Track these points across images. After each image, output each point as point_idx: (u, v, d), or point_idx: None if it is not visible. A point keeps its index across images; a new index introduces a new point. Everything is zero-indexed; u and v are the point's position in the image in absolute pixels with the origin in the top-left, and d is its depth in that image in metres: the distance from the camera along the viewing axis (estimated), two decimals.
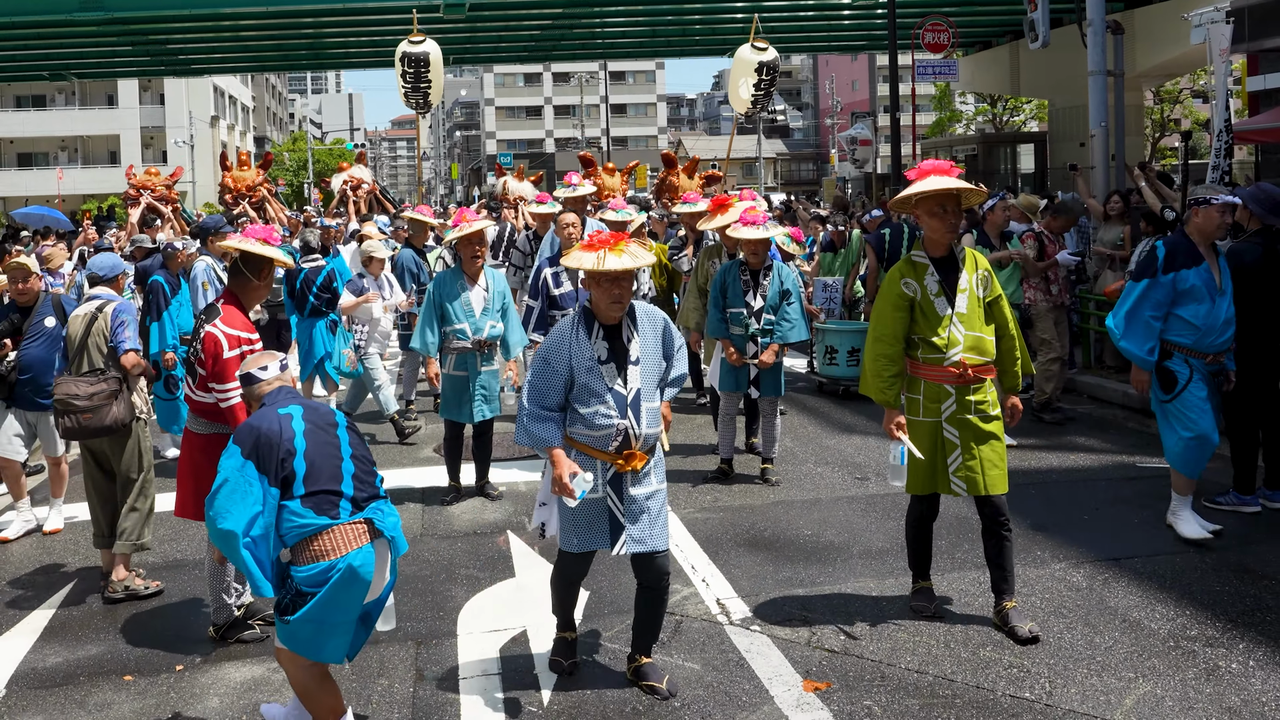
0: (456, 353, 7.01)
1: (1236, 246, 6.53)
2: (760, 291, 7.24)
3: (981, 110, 44.69)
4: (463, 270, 7.06)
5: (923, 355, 4.79)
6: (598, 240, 4.24)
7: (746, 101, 12.63)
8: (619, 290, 4.23)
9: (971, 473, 4.78)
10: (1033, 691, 4.26)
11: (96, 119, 56.15)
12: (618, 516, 4.28)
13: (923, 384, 4.82)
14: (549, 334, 4.37)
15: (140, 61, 33.06)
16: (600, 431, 4.23)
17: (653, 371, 4.34)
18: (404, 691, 4.52)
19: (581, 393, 4.25)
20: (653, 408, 4.31)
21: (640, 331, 4.35)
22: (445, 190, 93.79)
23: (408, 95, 12.31)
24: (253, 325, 5.09)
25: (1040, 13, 12.88)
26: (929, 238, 4.84)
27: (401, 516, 6.85)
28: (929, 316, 4.76)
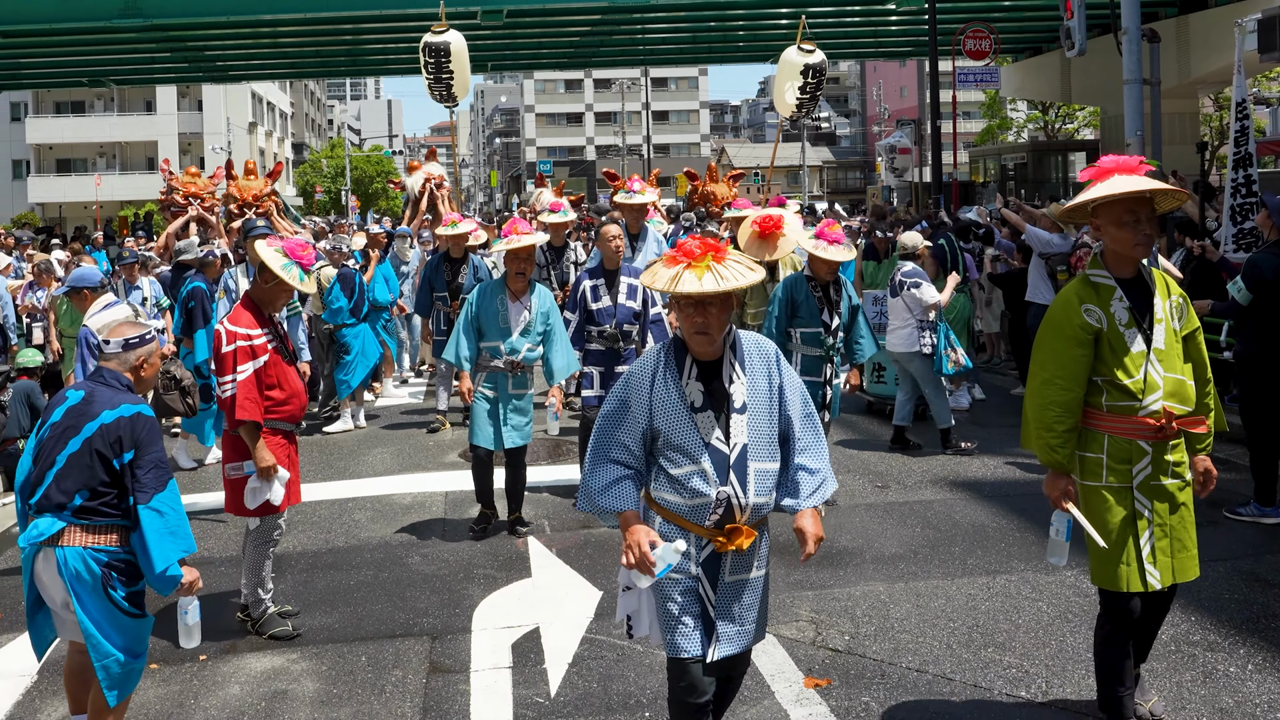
0: (486, 371, 6.69)
1: (1256, 257, 6.66)
2: (834, 308, 6.97)
3: (1033, 117, 44.53)
4: (506, 285, 6.69)
5: (1109, 403, 3.87)
6: (683, 251, 3.38)
7: (791, 105, 12.49)
8: (702, 319, 3.36)
9: (1165, 557, 3.87)
10: (1029, 690, 4.45)
11: (135, 125, 57.49)
12: (708, 609, 3.44)
13: (1106, 440, 3.88)
14: (632, 367, 3.54)
15: (179, 68, 33.89)
16: (694, 500, 3.37)
17: (764, 422, 3.44)
18: (417, 683, 4.79)
19: (669, 448, 3.41)
20: (763, 470, 3.42)
21: (749, 370, 3.46)
22: (485, 198, 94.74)
23: (431, 88, 12.39)
24: (258, 323, 5.29)
25: (1077, 20, 12.99)
26: (1114, 252, 3.91)
27: (423, 518, 7.22)
28: (1118, 353, 3.82)
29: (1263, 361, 6.47)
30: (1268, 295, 6.40)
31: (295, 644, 5.24)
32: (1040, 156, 32.12)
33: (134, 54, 30.71)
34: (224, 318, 5.40)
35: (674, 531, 3.42)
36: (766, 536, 3.55)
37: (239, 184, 13.35)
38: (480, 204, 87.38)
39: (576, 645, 5.09)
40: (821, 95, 13.26)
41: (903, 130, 30.31)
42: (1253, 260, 6.61)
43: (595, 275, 7.30)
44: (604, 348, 7.18)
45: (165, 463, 3.87)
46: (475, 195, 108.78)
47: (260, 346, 5.24)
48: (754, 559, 3.48)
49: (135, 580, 3.86)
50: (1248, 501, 6.62)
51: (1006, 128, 45.42)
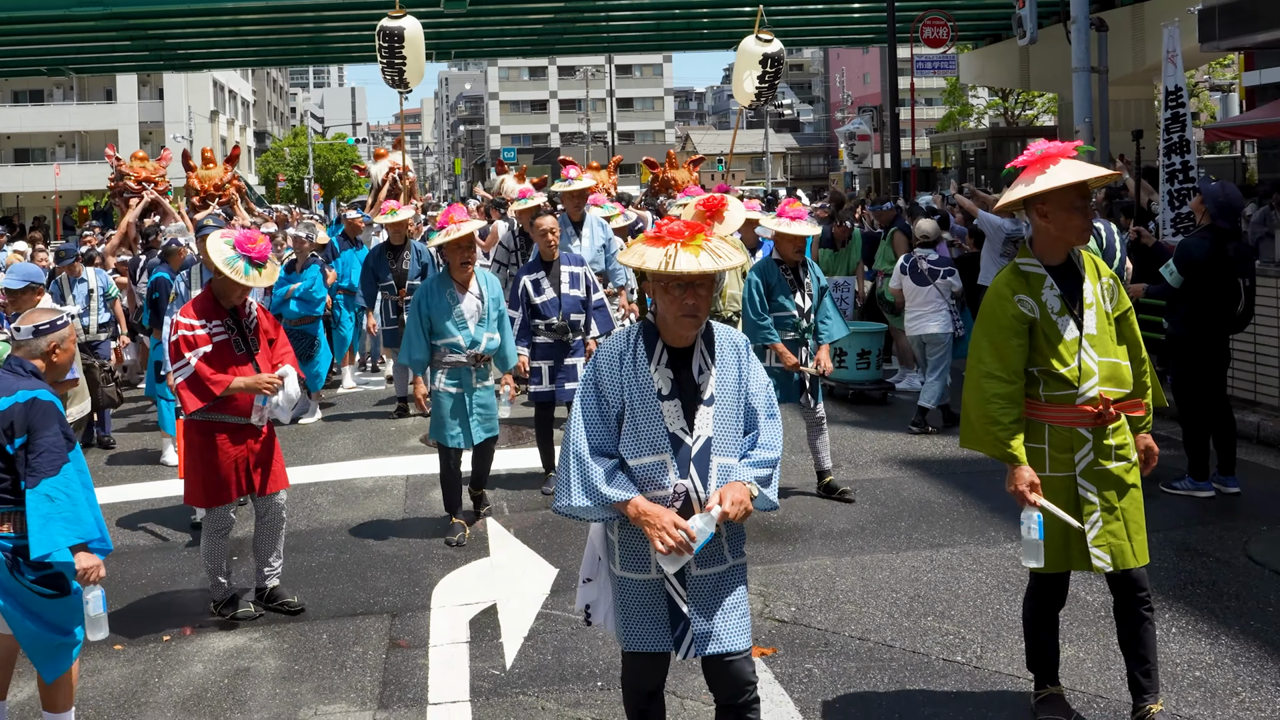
0: (449, 367, 6.44)
1: (1187, 241, 6.89)
2: (805, 290, 6.93)
3: (994, 104, 44.97)
4: (451, 278, 6.44)
5: (1046, 393, 3.83)
6: (668, 231, 3.20)
7: (750, 94, 12.63)
8: (694, 301, 3.20)
9: (1116, 539, 3.82)
10: (964, 655, 4.65)
11: (95, 114, 56.82)
12: (679, 605, 3.29)
13: (1047, 430, 3.85)
14: (599, 350, 3.39)
15: (139, 56, 33.60)
16: (652, 494, 3.23)
17: (731, 416, 3.29)
18: (376, 658, 4.93)
19: (631, 436, 3.26)
20: (727, 465, 3.26)
21: (719, 362, 3.32)
22: (449, 186, 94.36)
23: (384, 72, 12.28)
24: (209, 314, 5.25)
25: (1028, 9, 13.24)
26: (1053, 237, 3.82)
27: (385, 502, 7.34)
28: (1052, 342, 3.78)
29: (1193, 343, 6.70)
30: (1198, 278, 6.63)
31: (258, 624, 5.36)
32: (1000, 143, 32.45)
33: (93, 42, 30.44)
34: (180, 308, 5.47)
35: (637, 529, 3.23)
36: (736, 526, 3.33)
37: (198, 174, 13.15)
38: (445, 191, 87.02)
39: (532, 620, 5.24)
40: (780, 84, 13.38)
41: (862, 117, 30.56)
42: (1184, 244, 6.83)
43: (533, 269, 7.19)
44: (552, 340, 7.15)
45: (60, 448, 3.81)
46: (440, 183, 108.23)
47: (201, 337, 5.20)
48: (722, 550, 3.30)
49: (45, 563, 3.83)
50: (1183, 476, 6.86)
51: (968, 114, 45.86)
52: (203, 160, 13.46)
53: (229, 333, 5.29)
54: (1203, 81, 36.41)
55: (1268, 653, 4.56)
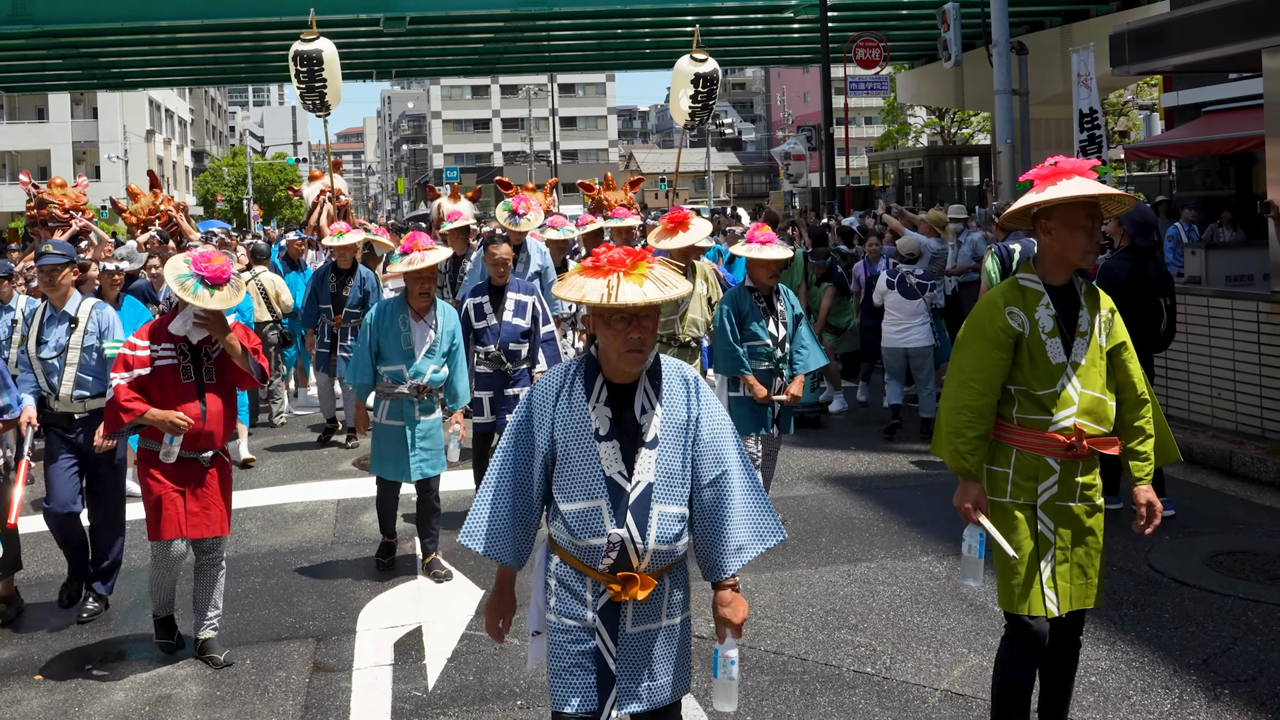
0: (390, 398, 6.22)
1: (1108, 263, 7.06)
2: (779, 318, 6.66)
3: (930, 123, 45.81)
4: (408, 304, 6.22)
5: (1019, 414, 3.66)
6: (609, 260, 2.98)
7: (685, 113, 12.71)
8: (639, 334, 2.97)
9: (1065, 584, 3.66)
10: (874, 667, 4.82)
11: (26, 133, 55.90)
12: (607, 661, 3.06)
13: (1014, 454, 3.67)
14: (535, 385, 3.18)
15: (72, 75, 33.24)
16: (585, 542, 3.02)
17: (675, 460, 3.05)
18: (300, 682, 4.98)
19: (566, 479, 3.04)
20: (669, 514, 3.03)
21: (666, 399, 3.08)
22: (392, 206, 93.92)
23: (304, 96, 11.95)
24: (160, 336, 5.07)
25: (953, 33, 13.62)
26: (1056, 257, 3.67)
27: (315, 526, 7.37)
28: (1037, 363, 3.62)
29: None
30: (1121, 300, 6.77)
31: (181, 651, 5.37)
32: (936, 161, 33.12)
33: (24, 60, 30.04)
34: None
35: (571, 577, 3.08)
36: (682, 580, 3.15)
37: (129, 210, 12.90)
38: (389, 211, 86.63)
39: (456, 641, 5.33)
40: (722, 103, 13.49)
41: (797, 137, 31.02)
42: (1107, 266, 6.97)
43: (479, 293, 7.04)
44: (490, 370, 6.99)
45: None
46: (383, 203, 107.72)
47: (140, 359, 5.02)
48: (662, 607, 3.09)
49: None
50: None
51: (905, 133, 46.65)
52: (130, 196, 13.22)
53: (178, 359, 5.05)
54: (1130, 101, 37.42)
55: (1160, 657, 4.78)
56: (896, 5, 25.95)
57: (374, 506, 7.22)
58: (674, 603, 3.12)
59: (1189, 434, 8.50)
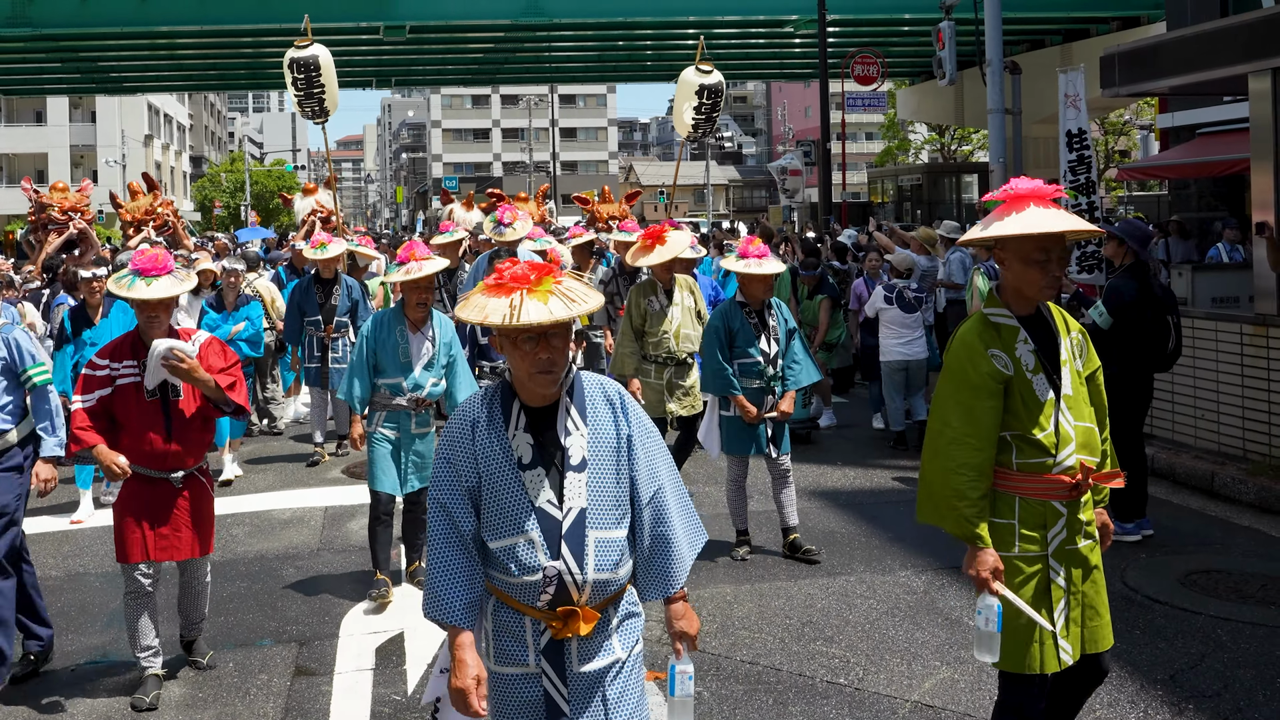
0: (386, 410, 6.16)
1: (1116, 283, 7.00)
2: (771, 334, 6.58)
3: (931, 139, 46.06)
4: (405, 315, 6.16)
5: (1019, 461, 3.42)
6: (511, 277, 2.82)
7: (688, 125, 12.71)
8: (547, 355, 2.83)
9: (1077, 627, 3.44)
10: (847, 678, 4.92)
11: (23, 136, 56.16)
12: (559, 704, 2.88)
13: (1018, 503, 3.43)
14: (449, 419, 3.01)
15: (70, 79, 33.46)
16: (519, 579, 2.85)
17: (609, 481, 2.91)
18: (281, 685, 5.09)
19: (493, 514, 2.88)
20: (607, 540, 2.88)
21: (590, 419, 2.93)
22: (391, 214, 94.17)
23: (301, 104, 11.76)
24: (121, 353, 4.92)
25: (948, 50, 13.79)
26: (1018, 289, 3.48)
27: (302, 532, 7.47)
28: (1029, 405, 3.40)
29: (1124, 382, 6.77)
30: (1128, 319, 6.84)
31: (164, 652, 5.45)
32: (935, 178, 33.28)
33: (22, 63, 30.24)
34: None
35: (510, 619, 2.89)
36: (629, 607, 2.99)
37: (126, 207, 12.80)
38: (387, 219, 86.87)
39: (437, 647, 5.42)
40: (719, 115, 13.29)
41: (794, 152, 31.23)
42: (1113, 286, 6.92)
43: None
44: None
45: None
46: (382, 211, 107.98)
47: (103, 378, 4.88)
48: (611, 641, 2.92)
49: None
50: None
51: (906, 149, 46.89)
52: (130, 193, 13.18)
53: (141, 375, 4.88)
54: (1130, 121, 37.65)
55: (1128, 673, 4.89)
56: (897, 21, 26.16)
57: (361, 513, 7.35)
58: (625, 634, 2.95)
59: (1172, 454, 8.62)
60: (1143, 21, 24.39)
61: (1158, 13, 21.71)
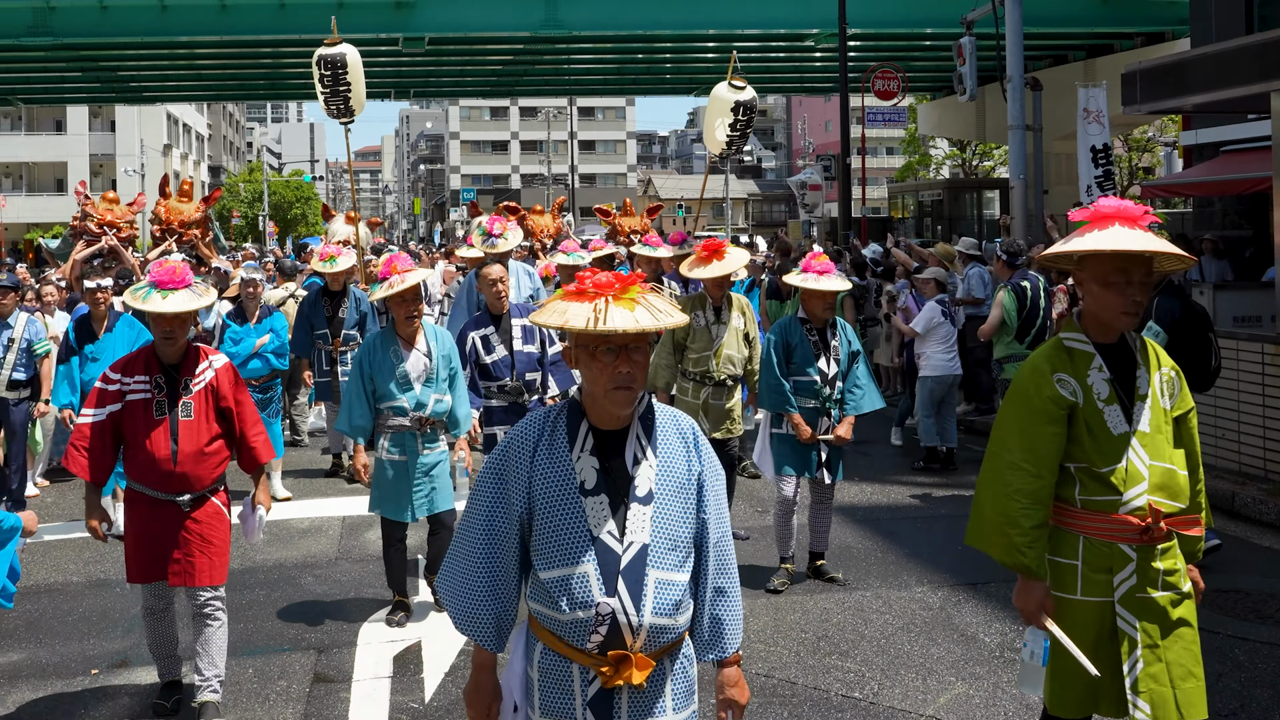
0: (392, 432, 5.91)
1: (1162, 301, 6.86)
2: (832, 354, 6.38)
3: (952, 154, 46.09)
4: (396, 333, 5.94)
5: (1083, 496, 3.27)
6: (595, 284, 2.65)
7: (721, 142, 12.05)
8: (628, 369, 2.64)
9: (1159, 685, 3.20)
10: (862, 692, 4.99)
11: (44, 145, 56.83)
12: None
13: (1082, 543, 3.27)
14: (510, 434, 2.81)
15: (90, 88, 33.82)
16: (569, 615, 2.63)
17: (676, 519, 2.71)
18: (300, 690, 5.19)
19: (546, 542, 2.68)
20: (668, 582, 2.67)
21: (660, 449, 2.75)
22: (408, 225, 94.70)
23: (327, 102, 11.63)
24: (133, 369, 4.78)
25: (968, 66, 13.88)
26: (1095, 314, 3.33)
27: (320, 541, 7.58)
28: (1097, 436, 3.24)
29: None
30: (1177, 338, 6.81)
31: (185, 658, 5.56)
32: (956, 194, 33.29)
33: (43, 73, 30.61)
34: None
35: (555, 662, 2.67)
36: (685, 664, 2.76)
37: (168, 205, 12.21)
38: (404, 230, 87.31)
39: (455, 656, 5.52)
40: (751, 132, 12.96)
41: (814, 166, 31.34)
42: (1160, 304, 6.80)
43: (481, 324, 6.63)
44: (506, 403, 6.58)
45: None
46: (399, 223, 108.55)
47: (115, 393, 4.73)
48: (664, 697, 2.68)
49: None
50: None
51: (926, 164, 46.94)
52: (180, 192, 12.57)
53: (153, 392, 4.73)
54: (1154, 138, 37.62)
55: None
56: (918, 36, 26.26)
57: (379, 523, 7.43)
58: (678, 692, 2.72)
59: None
60: (1167, 38, 24.39)
61: (1183, 29, 21.73)
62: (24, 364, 8.37)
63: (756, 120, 53.68)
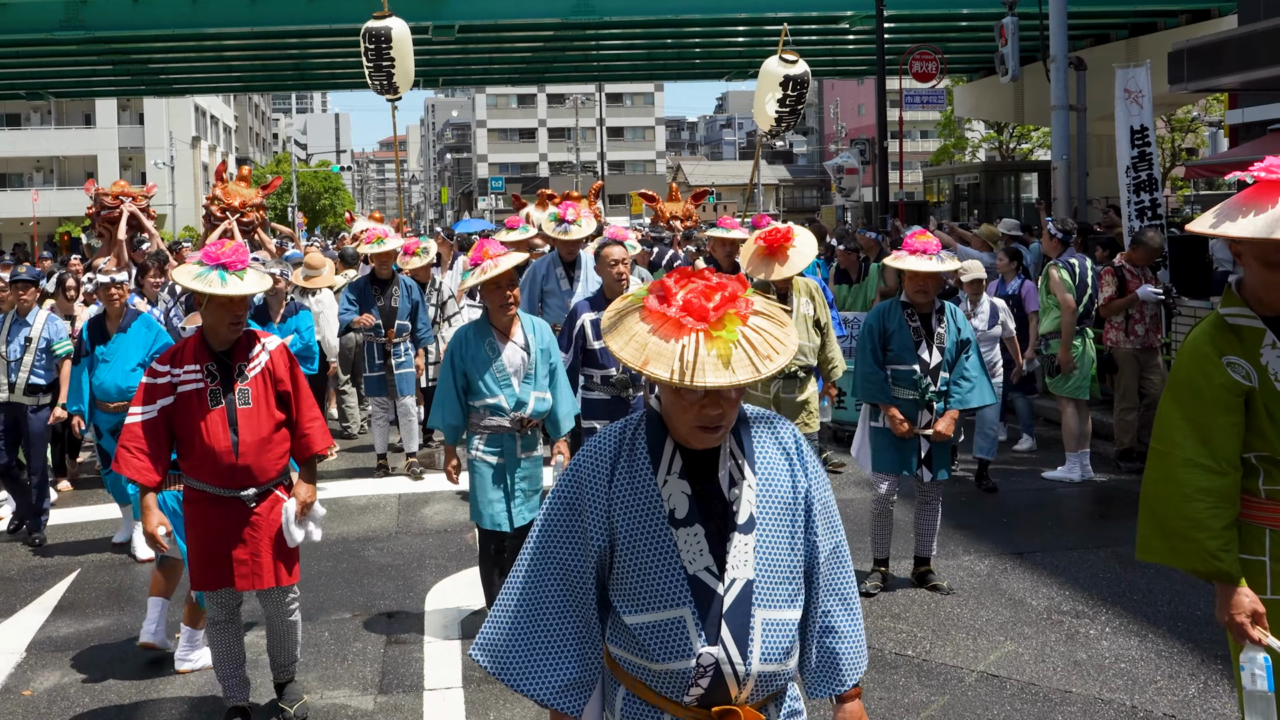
0: (488, 432, 5.48)
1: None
2: (936, 343, 5.92)
3: (989, 137, 46.06)
4: (491, 324, 5.48)
5: (1268, 487, 3.03)
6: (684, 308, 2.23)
7: (771, 118, 12.01)
8: (718, 411, 2.28)
9: None
10: (914, 650, 5.30)
11: (74, 139, 57.72)
12: None
13: (1268, 536, 3.05)
14: (581, 452, 2.45)
15: (120, 81, 34.42)
16: (665, 665, 2.32)
17: (783, 548, 2.38)
18: (376, 652, 5.55)
19: (631, 583, 2.35)
20: (777, 622, 2.35)
21: (760, 467, 2.41)
22: (435, 215, 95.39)
23: (371, 77, 11.72)
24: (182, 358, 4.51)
25: (1010, 47, 14.07)
26: (1255, 289, 3.05)
27: (379, 517, 7.95)
28: (1277, 419, 2.98)
29: None
30: None
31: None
32: (993, 177, 33.31)
33: (74, 66, 31.18)
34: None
35: (644, 712, 2.37)
36: (792, 708, 2.47)
37: (226, 187, 12.05)
38: (431, 221, 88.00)
39: None
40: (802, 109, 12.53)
41: (850, 150, 31.49)
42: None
43: (597, 306, 6.18)
44: (609, 396, 6.27)
45: None
46: (426, 212, 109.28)
47: (165, 386, 4.46)
48: None
49: None
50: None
51: (962, 147, 46.93)
52: (239, 177, 12.53)
53: (206, 381, 4.47)
54: (1199, 118, 37.50)
55: (1189, 649, 5.22)
56: (955, 17, 26.34)
57: (436, 499, 7.82)
58: None
59: None
60: (1213, 15, 24.35)
61: (1229, 5, 21.73)
62: (43, 366, 7.76)
63: None
